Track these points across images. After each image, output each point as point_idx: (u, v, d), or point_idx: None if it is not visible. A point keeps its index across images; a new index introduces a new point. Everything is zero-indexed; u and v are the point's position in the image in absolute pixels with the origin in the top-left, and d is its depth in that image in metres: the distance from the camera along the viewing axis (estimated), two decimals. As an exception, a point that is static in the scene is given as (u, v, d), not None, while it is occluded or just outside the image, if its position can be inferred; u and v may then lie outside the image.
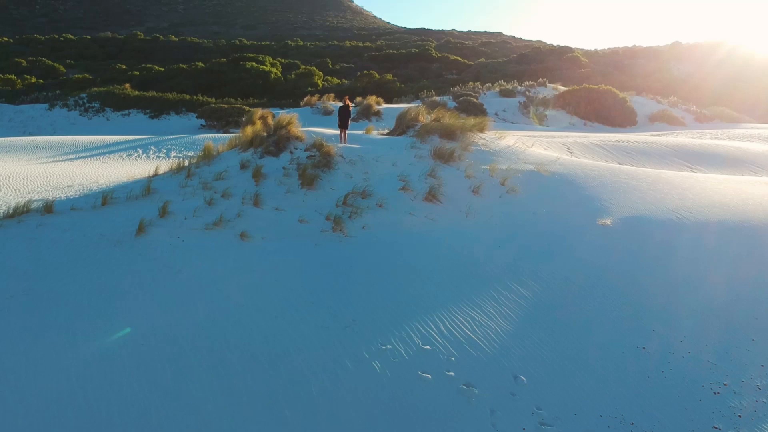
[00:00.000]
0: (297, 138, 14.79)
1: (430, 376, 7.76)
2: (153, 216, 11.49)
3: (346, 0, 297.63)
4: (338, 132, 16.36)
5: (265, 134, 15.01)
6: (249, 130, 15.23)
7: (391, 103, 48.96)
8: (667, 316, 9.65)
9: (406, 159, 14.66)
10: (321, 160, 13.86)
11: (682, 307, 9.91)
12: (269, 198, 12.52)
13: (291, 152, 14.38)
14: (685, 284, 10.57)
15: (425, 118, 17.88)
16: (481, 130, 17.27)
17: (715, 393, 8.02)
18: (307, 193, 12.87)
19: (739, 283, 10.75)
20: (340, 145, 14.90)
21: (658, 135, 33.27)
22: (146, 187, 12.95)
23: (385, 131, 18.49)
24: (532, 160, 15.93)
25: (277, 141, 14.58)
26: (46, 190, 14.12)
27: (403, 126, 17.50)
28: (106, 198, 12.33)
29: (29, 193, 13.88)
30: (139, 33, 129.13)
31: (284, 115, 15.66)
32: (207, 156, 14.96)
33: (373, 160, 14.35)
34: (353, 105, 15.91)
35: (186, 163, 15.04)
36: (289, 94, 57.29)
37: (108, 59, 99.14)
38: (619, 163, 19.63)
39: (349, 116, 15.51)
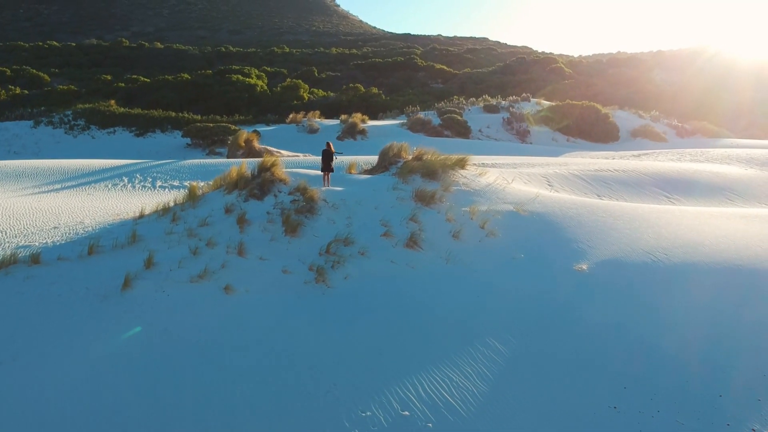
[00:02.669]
0: (281, 180, 15.05)
1: (408, 445, 8.05)
2: (139, 267, 11.66)
3: (333, 4, 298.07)
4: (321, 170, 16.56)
5: (250, 176, 15.26)
6: (234, 171, 15.47)
7: (377, 119, 49.36)
8: (637, 373, 9.98)
9: (388, 202, 14.96)
10: (305, 205, 14.12)
11: (652, 363, 10.24)
12: (253, 246, 12.76)
13: (275, 195, 14.63)
14: (657, 337, 10.90)
15: (407, 153, 18.19)
16: (463, 166, 17.60)
17: (681, 456, 8.36)
18: (291, 241, 13.12)
19: (708, 335, 11.11)
20: (323, 189, 15.18)
21: (638, 155, 33.82)
22: (132, 235, 13.12)
23: (368, 168, 18.77)
24: (511, 200, 16.27)
25: (261, 183, 14.83)
26: (32, 233, 14.24)
27: (385, 163, 17.81)
28: (92, 247, 12.50)
29: (16, 236, 14.01)
30: (124, 40, 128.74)
31: (268, 156, 15.92)
32: (192, 197, 15.17)
33: (355, 204, 14.63)
34: (336, 153, 16.12)
35: (171, 203, 15.25)
36: (275, 107, 57.52)
37: (93, 67, 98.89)
38: (598, 195, 20.05)
39: (332, 160, 15.78)
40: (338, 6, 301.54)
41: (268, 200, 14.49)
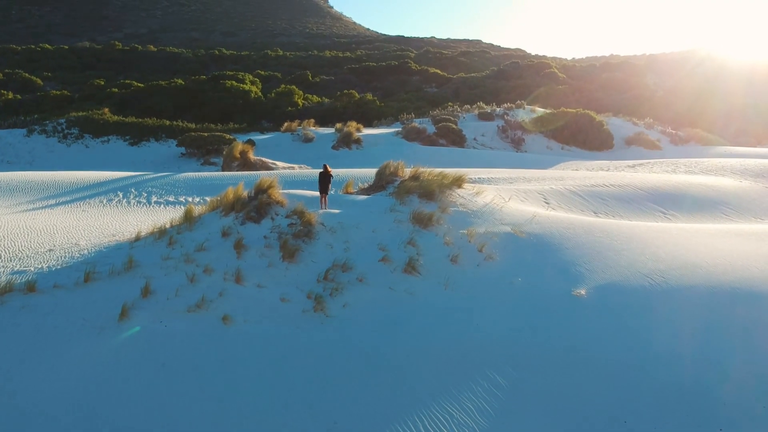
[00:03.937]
0: (278, 203, 14.98)
1: (409, 488, 8.02)
2: (136, 296, 11.54)
3: (326, 6, 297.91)
4: (318, 192, 16.50)
5: (246, 198, 15.19)
6: (230, 192, 15.40)
7: (372, 127, 49.37)
8: (638, 407, 9.96)
9: (385, 224, 14.91)
10: (302, 229, 14.06)
11: (653, 397, 10.23)
12: (251, 273, 12.69)
13: (272, 218, 14.56)
14: (654, 364, 10.88)
15: (404, 171, 18.16)
16: (460, 185, 17.57)
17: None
18: (288, 267, 13.06)
19: (705, 359, 11.11)
20: (321, 211, 15.12)
21: (633, 165, 33.89)
22: (128, 260, 13.00)
23: (365, 187, 18.73)
24: (509, 220, 16.25)
25: (258, 206, 14.76)
26: (27, 256, 14.11)
27: (382, 182, 17.78)
28: (88, 274, 12.36)
29: (11, 259, 13.89)
30: (117, 43, 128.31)
31: (265, 178, 15.89)
32: (188, 219, 15.08)
33: (353, 227, 14.57)
34: (332, 173, 16.11)
35: (167, 225, 15.15)
36: (269, 113, 57.46)
37: (86, 70, 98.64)
38: (595, 212, 20.05)
39: (330, 182, 15.76)
40: (331, 7, 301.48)
41: (265, 223, 14.42)
